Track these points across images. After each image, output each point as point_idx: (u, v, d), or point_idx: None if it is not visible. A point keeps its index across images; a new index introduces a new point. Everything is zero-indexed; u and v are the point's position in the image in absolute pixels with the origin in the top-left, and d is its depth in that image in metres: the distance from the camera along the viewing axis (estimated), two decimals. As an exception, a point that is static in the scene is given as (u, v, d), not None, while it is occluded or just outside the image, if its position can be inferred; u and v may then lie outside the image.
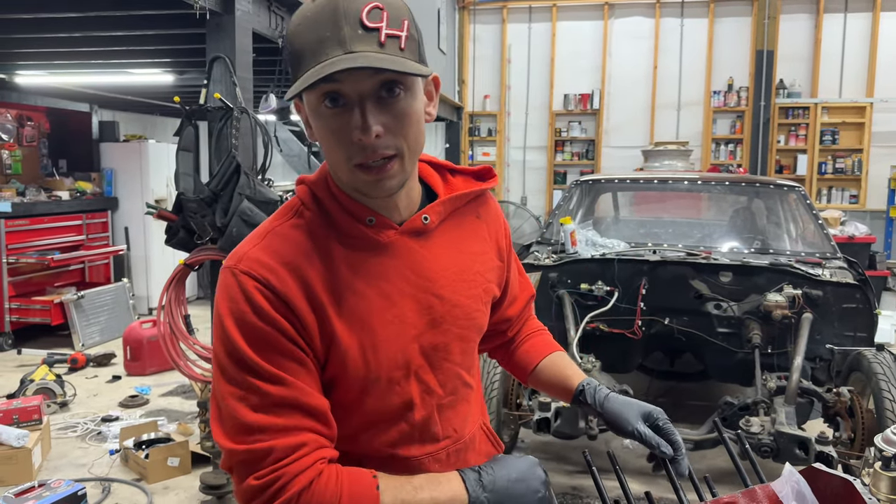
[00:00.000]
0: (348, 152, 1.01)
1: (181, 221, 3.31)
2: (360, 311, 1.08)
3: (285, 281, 1.03)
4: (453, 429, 1.23)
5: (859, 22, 9.42)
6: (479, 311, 1.24)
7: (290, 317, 1.03)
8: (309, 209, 1.11)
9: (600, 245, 4.27)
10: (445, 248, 1.18)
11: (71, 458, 4.23)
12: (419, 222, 1.14)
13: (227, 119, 3.28)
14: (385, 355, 1.10)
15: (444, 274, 1.16)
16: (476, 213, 1.27)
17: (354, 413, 1.13)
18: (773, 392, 3.49)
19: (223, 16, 3.36)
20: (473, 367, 1.28)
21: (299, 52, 0.99)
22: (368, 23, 0.96)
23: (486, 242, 1.27)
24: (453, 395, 1.22)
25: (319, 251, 1.07)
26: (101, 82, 6.34)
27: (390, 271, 1.11)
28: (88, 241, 7.57)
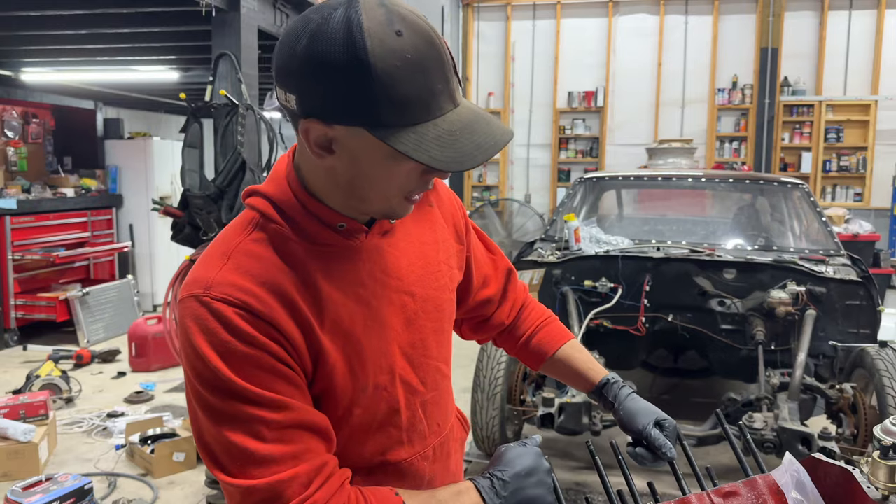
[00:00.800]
0: (408, 188, 1.00)
1: (187, 217, 3.33)
2: (342, 322, 1.05)
3: (266, 301, 0.97)
4: (437, 423, 1.24)
5: (864, 19, 9.40)
6: (448, 301, 1.24)
7: (279, 338, 0.97)
8: (272, 221, 1.03)
9: (604, 242, 4.28)
10: (409, 244, 1.17)
11: (77, 452, 4.25)
12: (386, 223, 1.11)
13: (232, 116, 3.30)
14: (371, 364, 1.08)
15: (413, 269, 1.15)
16: (428, 201, 1.25)
17: (343, 426, 1.09)
18: (777, 388, 3.51)
19: (229, 13, 3.38)
20: (449, 356, 1.28)
21: (404, 101, 0.89)
22: (456, 68, 0.96)
23: (443, 229, 1.26)
24: (435, 391, 1.22)
25: (292, 264, 1.01)
26: (107, 79, 6.36)
27: (364, 275, 1.08)
28: (93, 238, 7.61)
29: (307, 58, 0.90)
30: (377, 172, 0.97)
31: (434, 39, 0.91)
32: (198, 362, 0.96)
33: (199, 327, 0.95)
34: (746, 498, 1.06)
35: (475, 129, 0.94)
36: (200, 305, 0.96)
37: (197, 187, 3.31)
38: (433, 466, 1.24)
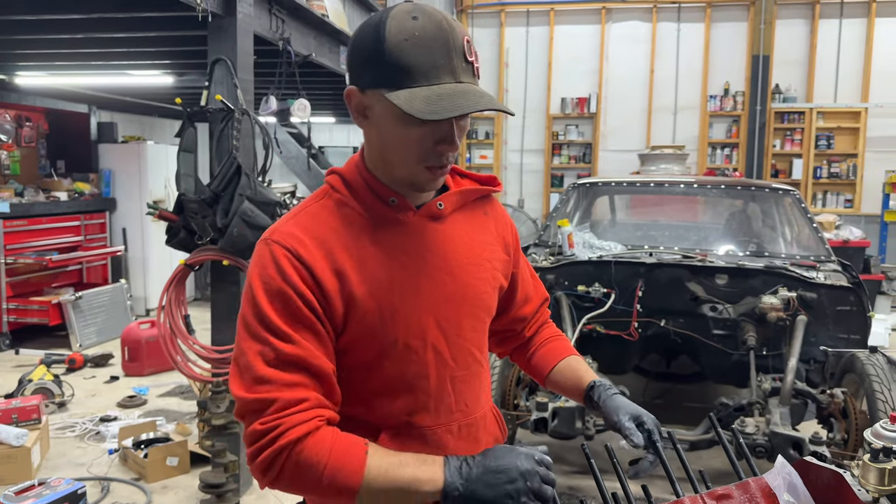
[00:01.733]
0: (424, 156, 1.17)
1: (182, 222, 3.33)
2: (381, 279, 1.20)
3: (311, 251, 1.17)
4: (465, 403, 1.33)
5: (854, 28, 9.48)
6: (487, 294, 1.35)
7: (312, 284, 1.15)
8: (338, 192, 1.25)
9: (597, 247, 4.30)
10: (457, 235, 1.31)
11: (70, 457, 4.24)
12: (434, 207, 1.28)
13: (228, 120, 3.31)
14: (402, 321, 1.22)
15: (456, 256, 1.29)
16: (484, 210, 1.40)
17: (373, 375, 1.23)
18: (768, 393, 3.53)
19: (225, 18, 3.39)
20: (484, 347, 1.39)
21: (408, 66, 1.10)
22: (468, 56, 1.14)
23: (493, 236, 1.40)
24: (466, 371, 1.32)
25: (345, 226, 1.22)
26: (101, 83, 6.35)
27: (409, 247, 1.24)
28: (86, 242, 7.59)
29: (352, 41, 1.20)
30: (394, 136, 1.17)
31: (443, 26, 1.12)
32: (248, 289, 1.18)
33: (257, 261, 1.19)
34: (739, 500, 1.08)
35: (464, 96, 1.11)
36: (264, 246, 1.19)
37: (192, 191, 3.32)
38: (458, 443, 1.31)
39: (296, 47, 4.09)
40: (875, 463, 0.98)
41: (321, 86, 6.34)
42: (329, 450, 1.10)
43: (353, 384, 1.24)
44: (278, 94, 3.99)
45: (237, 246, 3.23)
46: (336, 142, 11.40)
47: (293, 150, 9.34)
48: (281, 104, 4.05)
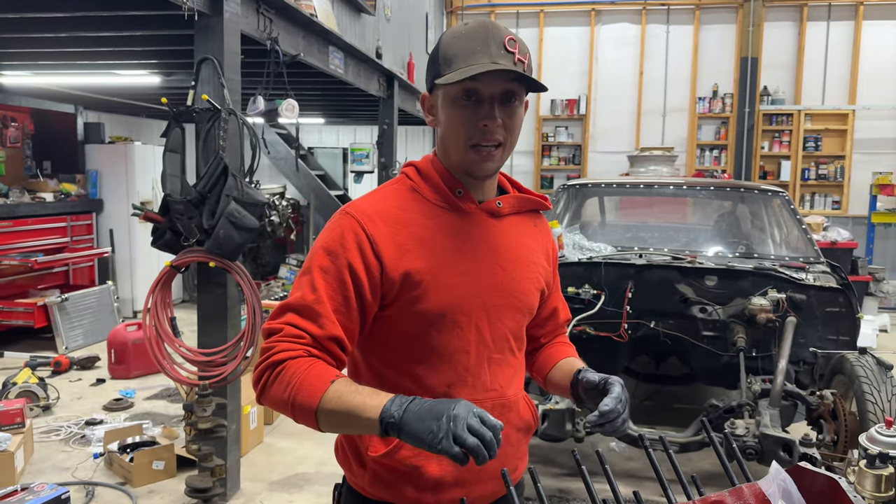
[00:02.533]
0: (470, 133, 1.33)
1: (168, 223, 3.29)
2: (439, 257, 1.35)
3: (377, 224, 1.34)
4: (500, 383, 1.44)
5: (842, 31, 9.53)
6: (530, 293, 1.48)
7: (369, 254, 1.32)
8: (411, 180, 1.43)
9: (587, 249, 4.29)
10: (511, 233, 1.46)
11: (54, 461, 4.19)
12: (494, 205, 1.45)
13: (214, 121, 3.27)
14: (453, 297, 1.35)
15: (508, 252, 1.44)
16: (534, 222, 1.56)
17: (420, 343, 1.37)
18: (758, 395, 3.52)
19: (211, 17, 3.35)
20: (520, 340, 1.50)
21: (451, 56, 1.32)
22: (508, 47, 1.30)
23: (539, 244, 1.54)
24: (501, 354, 1.44)
25: (412, 207, 1.39)
26: (87, 83, 6.29)
27: (468, 235, 1.40)
28: (73, 244, 7.51)
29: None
30: (447, 121, 1.36)
31: (487, 26, 1.32)
32: (313, 247, 1.38)
33: (330, 226, 1.38)
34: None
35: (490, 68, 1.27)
36: (340, 215, 1.39)
37: (178, 192, 3.28)
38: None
39: (284, 47, 4.05)
40: (872, 469, 0.96)
41: (310, 86, 6.30)
42: (302, 373, 1.24)
43: (400, 351, 1.39)
44: (266, 94, 3.96)
45: (224, 248, 3.19)
46: (325, 143, 11.35)
47: (282, 151, 9.30)
48: (269, 104, 4.01)
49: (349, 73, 5.56)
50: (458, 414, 1.11)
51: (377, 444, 1.40)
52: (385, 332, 1.39)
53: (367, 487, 1.45)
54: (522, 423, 1.51)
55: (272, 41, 3.88)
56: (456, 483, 1.41)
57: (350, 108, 8.63)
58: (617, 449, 4.31)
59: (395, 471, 1.40)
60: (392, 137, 7.12)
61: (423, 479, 1.39)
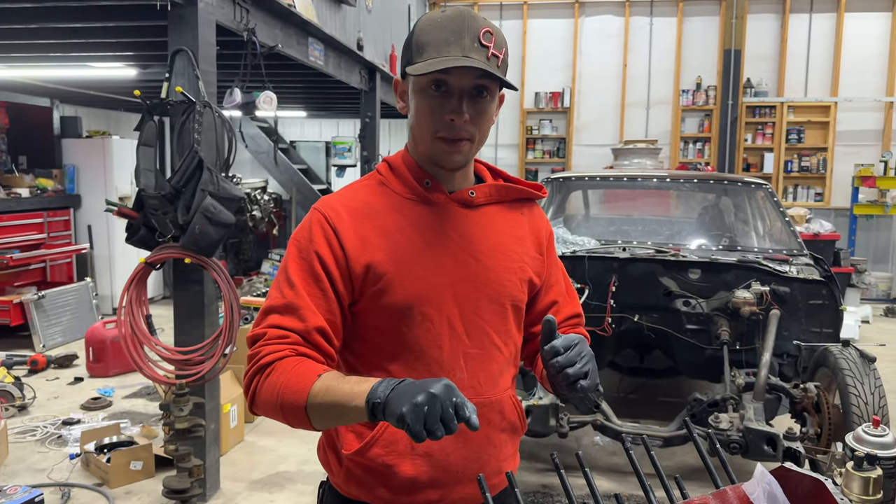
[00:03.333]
0: (437, 126, 1.30)
1: (142, 219, 3.22)
2: (404, 249, 1.33)
3: (341, 215, 1.34)
4: (478, 381, 1.39)
5: (824, 22, 9.55)
6: (511, 283, 1.41)
7: (336, 247, 1.31)
8: (381, 174, 1.42)
9: (571, 243, 4.26)
10: (488, 224, 1.42)
11: (29, 462, 4.10)
12: (466, 194, 1.40)
13: (189, 113, 3.20)
14: (419, 289, 1.33)
15: (484, 242, 1.39)
16: (521, 211, 1.50)
17: (390, 338, 1.34)
18: (742, 388, 3.51)
19: (185, 7, 3.27)
20: (505, 334, 1.43)
21: (424, 44, 1.29)
22: (483, 41, 1.27)
23: (526, 233, 1.48)
24: (480, 350, 1.39)
25: (379, 201, 1.38)
26: (63, 76, 6.17)
27: (436, 226, 1.37)
28: (50, 240, 7.40)
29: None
30: (416, 110, 1.33)
31: (464, 16, 1.28)
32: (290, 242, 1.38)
33: (302, 224, 1.38)
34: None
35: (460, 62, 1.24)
36: (311, 212, 1.38)
37: (152, 187, 3.20)
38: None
39: (261, 38, 3.97)
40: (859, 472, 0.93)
41: (291, 79, 6.22)
42: (289, 371, 1.22)
43: (372, 346, 1.37)
44: (243, 86, 3.88)
45: (199, 243, 3.12)
46: (308, 136, 11.24)
47: (264, 144, 9.20)
48: (246, 97, 3.94)
49: (329, 65, 5.48)
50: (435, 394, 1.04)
51: (350, 442, 1.37)
52: (357, 328, 1.37)
53: (342, 486, 1.42)
54: (506, 424, 1.45)
55: (249, 32, 3.81)
56: (431, 484, 1.37)
57: (332, 101, 8.54)
58: (601, 443, 4.29)
59: (368, 469, 1.37)
60: (375, 131, 7.05)
61: (397, 479, 1.36)
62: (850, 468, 0.94)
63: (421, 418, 1.02)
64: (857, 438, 0.99)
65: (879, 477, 0.92)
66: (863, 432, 1.00)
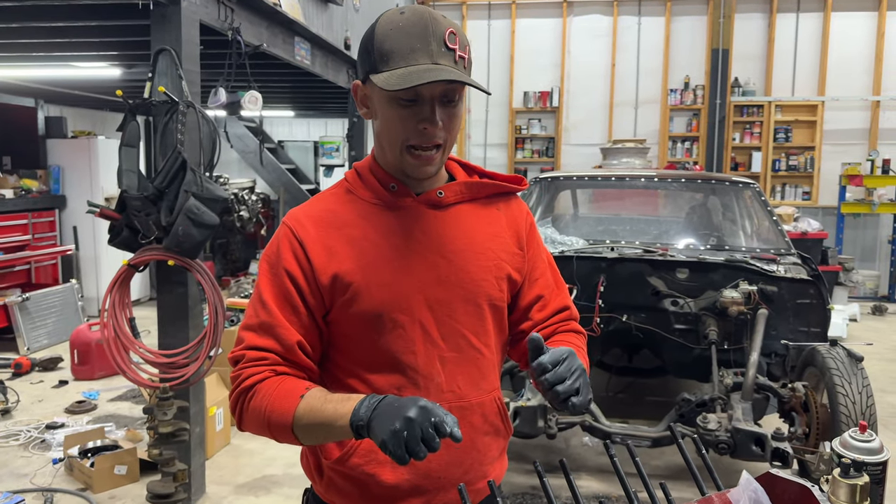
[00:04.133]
0: (407, 135, 1.27)
1: (125, 220, 3.17)
2: (371, 256, 1.31)
3: (308, 230, 1.32)
4: (458, 385, 1.36)
5: (811, 22, 9.58)
6: (487, 282, 1.38)
7: (303, 259, 1.30)
8: (348, 182, 1.40)
9: (559, 242, 4.25)
10: (460, 223, 1.38)
11: (12, 467, 4.05)
12: (434, 195, 1.37)
13: (172, 113, 3.16)
14: (388, 296, 1.30)
15: (455, 242, 1.36)
16: (497, 207, 1.45)
17: (363, 347, 1.33)
18: (730, 388, 3.51)
19: (168, 6, 3.23)
20: (484, 335, 1.39)
21: (388, 52, 1.23)
22: (449, 43, 1.23)
23: (502, 229, 1.43)
24: (457, 353, 1.36)
25: (345, 209, 1.35)
26: (46, 76, 6.10)
27: (404, 230, 1.33)
28: (35, 241, 7.32)
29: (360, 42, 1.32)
30: (383, 119, 1.28)
31: (425, 17, 1.23)
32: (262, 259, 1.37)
33: (272, 239, 1.37)
34: (701, 517, 1.00)
35: (432, 72, 1.20)
36: (280, 226, 1.36)
37: (135, 188, 3.16)
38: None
39: (246, 37, 3.93)
40: (846, 479, 0.91)
41: (277, 78, 6.17)
42: (272, 393, 1.24)
43: (347, 355, 1.35)
44: (228, 86, 3.84)
45: (182, 245, 3.08)
46: (296, 136, 11.19)
47: (251, 144, 9.15)
48: (231, 96, 3.90)
49: (316, 64, 5.44)
50: (413, 419, 1.06)
51: (331, 450, 1.37)
52: (332, 337, 1.36)
53: (325, 494, 1.41)
54: (490, 427, 1.42)
55: (234, 31, 3.77)
56: (414, 491, 1.35)
57: (319, 100, 8.50)
58: (590, 444, 4.27)
59: (349, 478, 1.36)
60: (363, 130, 7.01)
61: (379, 488, 1.34)
62: (837, 475, 0.92)
63: (401, 443, 1.04)
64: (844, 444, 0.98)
65: (867, 484, 0.90)
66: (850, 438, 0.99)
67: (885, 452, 1.01)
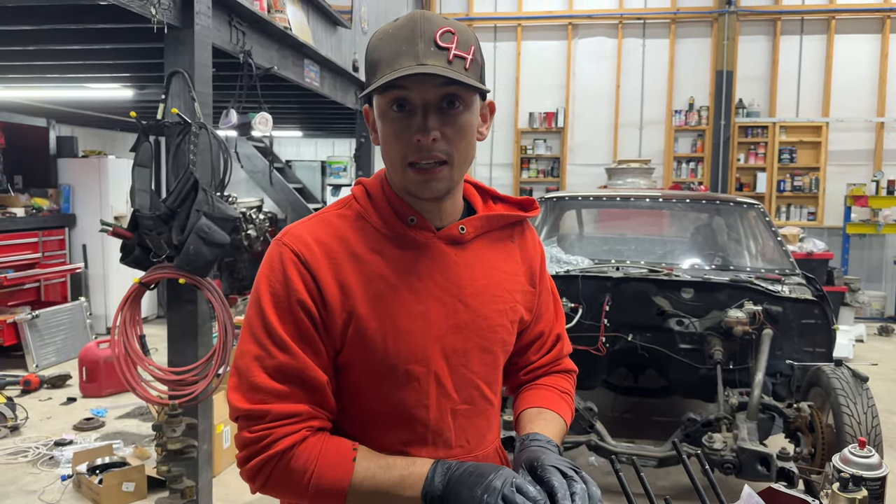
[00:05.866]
0: (405, 151, 1.13)
1: (137, 239, 3.22)
2: (387, 300, 1.17)
3: (316, 256, 1.15)
4: (466, 439, 1.27)
5: (815, 45, 9.66)
6: (502, 327, 1.28)
7: (314, 290, 1.14)
8: (359, 203, 1.23)
9: (565, 262, 4.28)
10: (478, 262, 1.26)
11: (20, 484, 4.07)
12: (456, 231, 1.23)
13: (184, 134, 3.22)
14: (405, 346, 1.17)
15: (474, 284, 1.24)
16: (511, 237, 1.34)
17: (370, 399, 1.20)
18: (735, 408, 3.51)
19: (182, 30, 3.30)
20: (495, 384, 1.31)
21: (376, 61, 1.13)
22: (441, 42, 1.10)
23: (517, 265, 1.33)
24: (469, 405, 1.26)
25: (358, 238, 1.19)
26: (59, 97, 6.20)
27: (422, 270, 1.20)
28: (44, 259, 7.39)
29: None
30: (381, 136, 1.16)
31: (416, 20, 1.12)
32: (255, 290, 1.18)
33: (267, 263, 1.18)
34: (704, 531, 1.03)
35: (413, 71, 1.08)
36: (275, 247, 1.19)
37: (147, 207, 3.21)
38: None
39: (257, 60, 4.01)
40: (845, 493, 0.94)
41: (286, 99, 6.26)
42: (316, 457, 1.10)
43: (349, 406, 1.21)
44: (239, 107, 3.91)
45: (193, 263, 3.13)
46: (303, 156, 11.29)
47: (259, 164, 9.23)
48: (242, 118, 3.96)
49: (325, 85, 5.53)
50: (493, 486, 1.01)
51: None
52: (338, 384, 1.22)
53: None
54: None
55: (245, 54, 3.84)
56: None
57: (327, 120, 8.59)
58: (596, 464, 4.27)
59: None
60: (370, 150, 7.09)
61: None
62: (836, 489, 0.95)
63: None
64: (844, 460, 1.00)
65: (865, 497, 0.93)
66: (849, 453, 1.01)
67: (883, 468, 1.03)
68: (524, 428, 1.30)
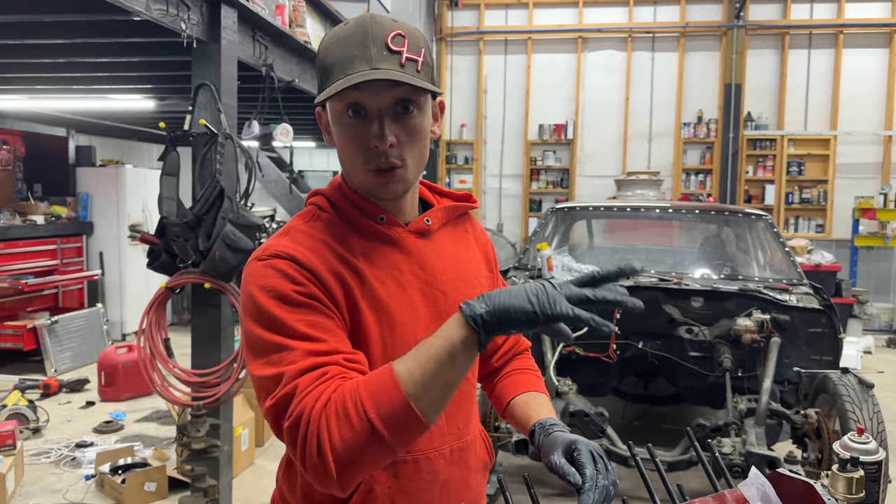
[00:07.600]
0: (365, 157, 1.16)
1: (163, 245, 3.33)
2: (380, 294, 1.18)
3: (310, 258, 1.14)
4: (457, 425, 1.30)
5: (823, 58, 9.76)
6: None
7: (318, 284, 1.12)
8: (325, 212, 1.24)
9: (576, 271, 4.36)
10: (445, 252, 1.30)
11: (44, 483, 4.18)
12: (422, 223, 1.28)
13: (211, 145, 3.33)
14: (401, 338, 1.19)
15: (446, 272, 1.28)
16: (465, 227, 1.41)
17: None
18: (744, 414, 3.59)
19: (209, 44, 3.43)
20: (475, 368, 1.36)
21: (329, 65, 1.14)
22: (392, 46, 1.12)
23: (475, 253, 1.40)
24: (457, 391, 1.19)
25: (338, 242, 1.19)
26: (80, 107, 6.34)
27: (401, 264, 1.23)
28: (63, 266, 7.52)
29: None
30: (339, 141, 1.18)
31: (366, 23, 1.13)
32: (250, 306, 1.12)
33: (254, 279, 1.13)
34: (716, 511, 1.12)
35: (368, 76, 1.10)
36: (258, 262, 1.14)
37: (174, 215, 3.33)
38: (449, 468, 1.28)
39: (279, 73, 4.13)
40: (843, 473, 1.03)
41: (302, 111, 6.38)
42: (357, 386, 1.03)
43: None
44: (261, 118, 4.03)
45: (219, 269, 3.24)
46: (316, 166, 11.44)
47: (272, 174, 9.35)
48: (263, 129, 4.08)
49: (341, 98, 5.64)
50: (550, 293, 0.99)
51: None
52: None
53: None
54: (481, 464, 1.39)
55: (267, 67, 3.96)
56: None
57: (341, 132, 8.70)
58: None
59: None
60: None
61: None
62: (836, 470, 1.04)
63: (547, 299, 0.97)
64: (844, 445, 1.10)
65: (861, 477, 1.02)
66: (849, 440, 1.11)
67: (880, 453, 1.13)
68: (528, 413, 1.32)
